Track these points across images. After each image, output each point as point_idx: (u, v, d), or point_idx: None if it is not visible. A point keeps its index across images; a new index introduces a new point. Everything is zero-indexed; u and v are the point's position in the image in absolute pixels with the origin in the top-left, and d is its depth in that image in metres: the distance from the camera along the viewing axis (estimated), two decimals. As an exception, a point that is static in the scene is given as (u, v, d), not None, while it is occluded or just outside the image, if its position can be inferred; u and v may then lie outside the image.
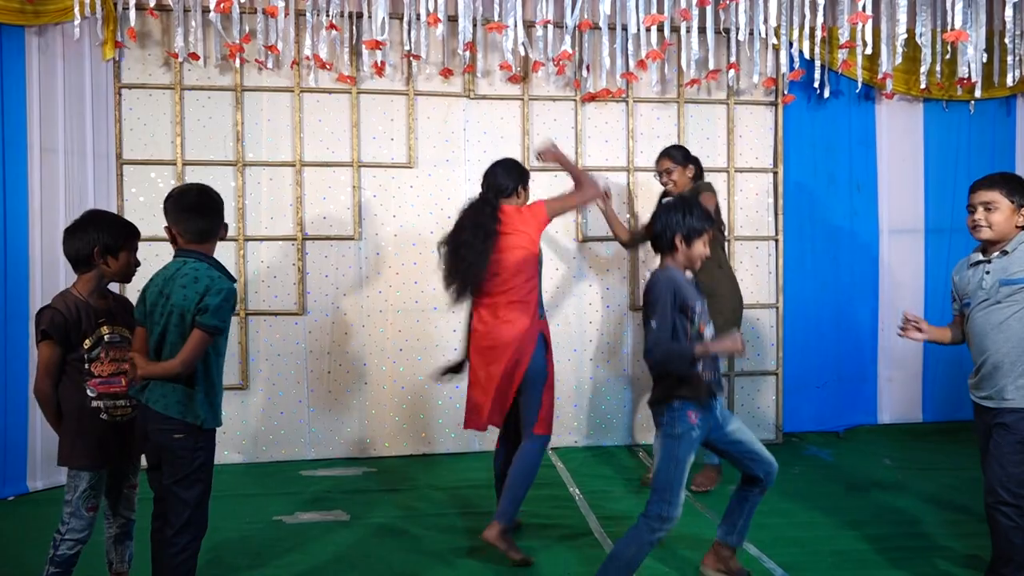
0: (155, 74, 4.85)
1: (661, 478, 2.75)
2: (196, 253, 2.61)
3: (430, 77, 5.08)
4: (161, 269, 2.63)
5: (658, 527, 2.72)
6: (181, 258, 2.60)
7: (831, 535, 3.67)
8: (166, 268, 2.61)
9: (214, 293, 2.52)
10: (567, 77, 5.20)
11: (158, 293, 2.56)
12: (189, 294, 2.52)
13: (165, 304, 2.54)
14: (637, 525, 2.77)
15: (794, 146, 5.47)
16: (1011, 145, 5.70)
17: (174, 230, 2.62)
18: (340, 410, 5.01)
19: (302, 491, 4.36)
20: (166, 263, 2.64)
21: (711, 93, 5.39)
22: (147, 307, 2.58)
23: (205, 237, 2.63)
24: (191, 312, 2.51)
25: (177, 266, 2.59)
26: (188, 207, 2.62)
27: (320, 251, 5.00)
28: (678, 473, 2.74)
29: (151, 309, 2.57)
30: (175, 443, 2.56)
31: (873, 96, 5.54)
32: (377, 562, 3.40)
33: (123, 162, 4.79)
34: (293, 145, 4.96)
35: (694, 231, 2.81)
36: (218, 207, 2.66)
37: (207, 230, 2.63)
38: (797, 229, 5.48)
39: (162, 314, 2.54)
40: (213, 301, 2.51)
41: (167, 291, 2.55)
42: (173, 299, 2.52)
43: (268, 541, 3.62)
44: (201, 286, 2.53)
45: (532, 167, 5.16)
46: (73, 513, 2.71)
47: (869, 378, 5.58)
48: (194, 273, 2.55)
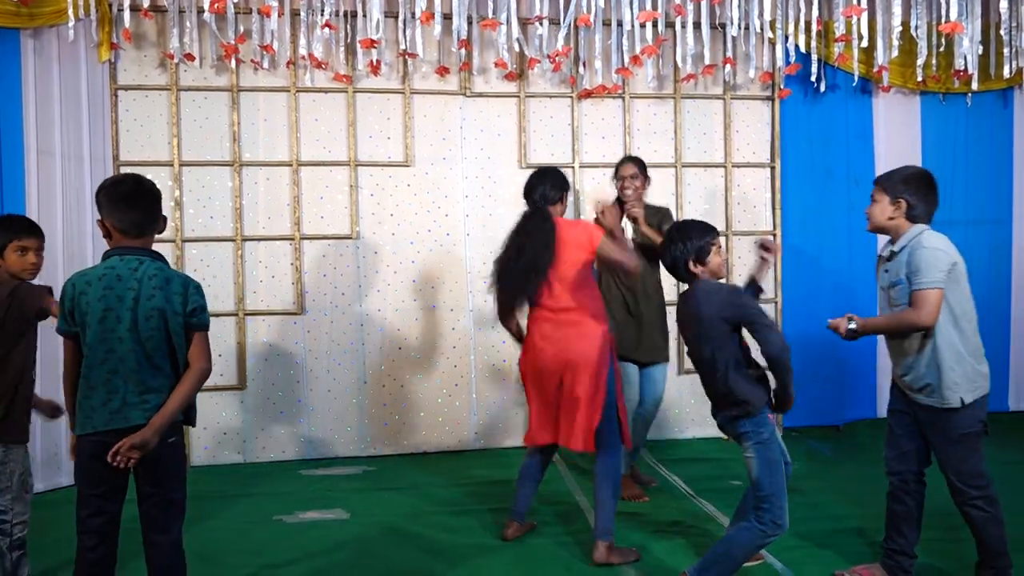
0: (151, 75, 4.85)
1: (766, 485, 2.75)
2: (141, 251, 2.45)
3: (426, 75, 5.08)
4: (92, 272, 2.44)
5: (772, 532, 2.74)
6: (132, 256, 2.43)
7: (831, 529, 3.67)
8: (106, 270, 2.42)
9: (194, 291, 2.46)
10: (563, 74, 5.20)
11: (115, 298, 2.38)
12: (170, 296, 2.40)
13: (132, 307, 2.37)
14: (750, 528, 2.77)
15: (791, 140, 5.47)
16: (1008, 137, 5.70)
17: (108, 223, 2.44)
18: (339, 409, 5.02)
19: (302, 490, 4.37)
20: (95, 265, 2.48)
21: (707, 88, 5.39)
22: (85, 314, 2.39)
23: (143, 230, 2.46)
24: (180, 315, 2.41)
25: (130, 266, 2.41)
26: (123, 197, 2.45)
27: (318, 250, 5.01)
28: (780, 476, 2.76)
29: (104, 315, 2.38)
30: (167, 449, 2.44)
31: (870, 90, 5.53)
32: (377, 560, 3.41)
33: (120, 164, 4.80)
34: (290, 145, 4.97)
35: (702, 250, 2.82)
36: (155, 197, 2.50)
37: (143, 222, 2.45)
38: (795, 223, 5.48)
39: (119, 319, 2.37)
40: (200, 300, 2.46)
41: (122, 293, 2.38)
42: (152, 302, 2.38)
43: (268, 540, 3.63)
44: (178, 286, 2.43)
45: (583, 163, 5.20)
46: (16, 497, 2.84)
47: (868, 372, 5.58)
48: (161, 273, 2.42)
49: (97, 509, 2.43)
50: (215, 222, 4.91)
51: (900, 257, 2.91)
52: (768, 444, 2.78)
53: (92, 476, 2.43)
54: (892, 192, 2.96)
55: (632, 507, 4.00)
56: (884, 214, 2.98)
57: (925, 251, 2.83)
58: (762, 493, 2.77)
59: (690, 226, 2.90)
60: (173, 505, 2.50)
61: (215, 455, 4.89)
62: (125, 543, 2.53)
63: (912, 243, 2.90)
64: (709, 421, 5.41)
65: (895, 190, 2.96)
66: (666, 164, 5.33)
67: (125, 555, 2.60)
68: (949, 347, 2.83)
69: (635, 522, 3.79)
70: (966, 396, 2.81)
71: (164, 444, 2.42)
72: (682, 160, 5.35)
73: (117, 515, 2.48)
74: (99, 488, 2.43)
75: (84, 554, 2.45)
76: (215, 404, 4.89)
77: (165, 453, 2.44)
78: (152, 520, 2.49)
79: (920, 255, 2.83)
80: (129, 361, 2.39)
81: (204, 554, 3.43)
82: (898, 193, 2.95)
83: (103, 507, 2.43)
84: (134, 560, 2.60)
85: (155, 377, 2.42)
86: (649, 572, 3.23)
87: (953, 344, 2.83)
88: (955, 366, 2.82)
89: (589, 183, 5.26)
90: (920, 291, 2.81)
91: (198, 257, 4.88)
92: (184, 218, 4.86)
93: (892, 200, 2.96)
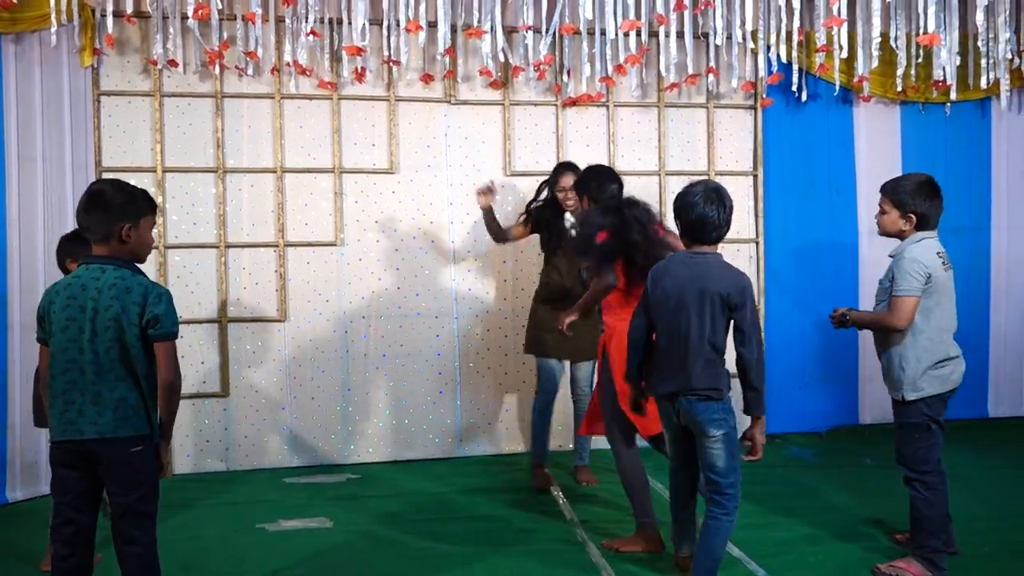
0: (134, 81, 4.82)
1: (730, 470, 2.85)
2: (108, 259, 2.43)
3: (411, 83, 5.09)
4: (63, 281, 2.46)
5: (735, 516, 2.89)
6: (97, 265, 2.42)
7: (813, 536, 3.69)
8: (72, 279, 2.43)
9: (155, 301, 2.40)
10: (548, 82, 5.22)
11: (78, 308, 2.38)
12: (127, 305, 2.37)
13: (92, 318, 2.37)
14: (720, 521, 2.85)
15: (774, 149, 5.52)
16: (987, 146, 5.77)
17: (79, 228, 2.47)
18: (323, 417, 5.00)
19: (285, 498, 4.34)
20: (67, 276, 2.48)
21: (691, 97, 5.43)
22: (52, 323, 2.41)
23: (100, 236, 2.43)
24: (136, 325, 2.37)
25: (94, 275, 2.40)
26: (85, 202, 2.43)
27: (302, 257, 4.99)
28: (738, 461, 2.89)
29: (66, 325, 2.38)
30: (133, 458, 2.42)
31: (851, 99, 5.59)
32: (361, 568, 3.39)
33: (103, 170, 4.76)
34: (274, 152, 4.95)
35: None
36: (119, 204, 2.43)
37: (98, 228, 2.42)
38: (777, 232, 5.52)
39: (81, 329, 2.36)
40: (160, 309, 2.40)
41: (84, 303, 2.37)
42: (109, 312, 2.36)
43: (251, 548, 3.60)
44: (137, 295, 2.38)
45: None
46: None
47: (850, 379, 5.62)
48: (122, 283, 2.39)
49: (66, 519, 2.43)
50: (198, 229, 4.88)
51: (892, 263, 3.22)
52: (735, 430, 2.88)
53: (60, 484, 2.43)
54: (902, 206, 3.19)
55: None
56: (895, 226, 3.23)
57: (905, 261, 3.12)
58: (727, 481, 2.83)
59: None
60: (140, 516, 2.46)
61: (197, 463, 4.85)
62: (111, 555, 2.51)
63: (900, 251, 3.18)
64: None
65: (905, 205, 3.18)
66: (650, 172, 5.37)
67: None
68: (899, 350, 3.17)
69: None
70: (907, 395, 3.16)
71: (129, 453, 2.41)
72: (666, 168, 5.38)
73: (88, 526, 2.46)
74: (67, 496, 2.42)
75: (56, 563, 2.46)
76: (198, 412, 4.85)
77: (132, 462, 2.42)
78: (120, 531, 2.46)
79: (900, 265, 3.13)
80: (88, 373, 2.38)
81: (186, 562, 3.41)
82: (908, 208, 3.18)
83: (72, 517, 2.42)
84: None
85: (112, 390, 2.38)
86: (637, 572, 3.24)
87: (904, 348, 3.15)
88: (905, 367, 3.15)
89: (573, 191, 5.28)
90: (896, 297, 3.13)
91: (181, 264, 4.86)
92: (167, 225, 4.83)
93: (903, 214, 3.19)
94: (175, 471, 4.79)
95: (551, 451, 4.67)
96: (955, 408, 5.74)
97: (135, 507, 2.44)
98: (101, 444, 2.38)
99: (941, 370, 3.18)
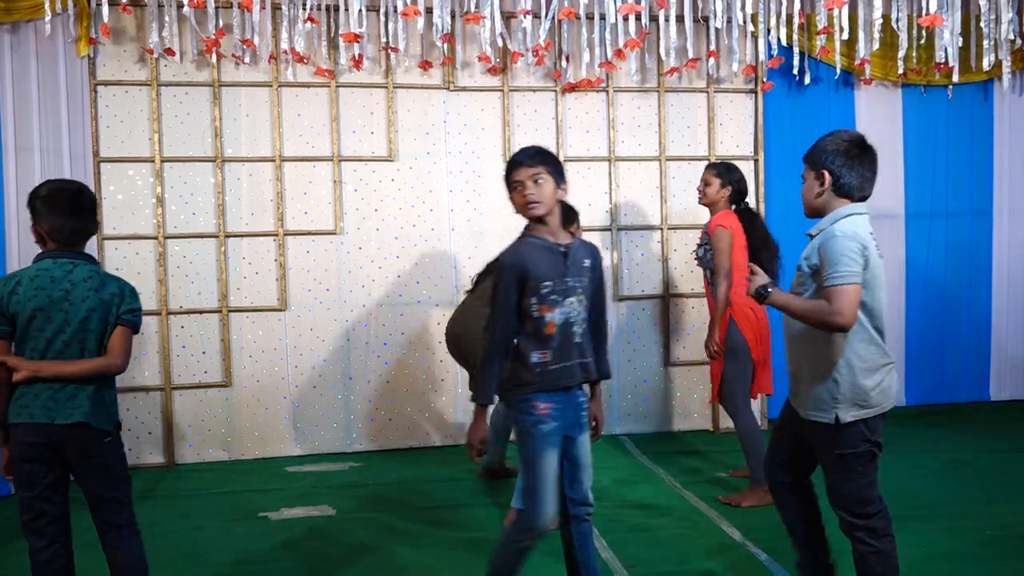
0: (131, 70, 4.80)
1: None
2: (75, 254, 2.50)
3: (409, 70, 5.06)
4: (22, 272, 2.46)
5: (521, 538, 2.46)
6: (66, 259, 2.47)
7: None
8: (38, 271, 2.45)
9: (130, 295, 2.53)
10: (547, 68, 5.19)
11: (47, 299, 2.41)
12: (104, 298, 2.46)
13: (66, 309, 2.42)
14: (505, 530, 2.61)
15: (774, 133, 5.49)
16: (989, 129, 5.75)
17: (44, 230, 2.47)
18: (325, 405, 5.00)
19: (288, 487, 4.35)
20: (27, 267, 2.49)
21: (691, 81, 5.40)
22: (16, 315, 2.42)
23: (78, 238, 2.52)
24: (114, 314, 2.47)
25: (64, 268, 2.45)
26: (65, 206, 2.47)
27: (301, 246, 4.98)
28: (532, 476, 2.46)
29: (33, 315, 2.41)
30: (106, 448, 2.48)
31: (852, 82, 5.56)
32: (363, 556, 3.40)
33: (100, 160, 4.75)
34: (272, 140, 4.93)
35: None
36: (94, 207, 2.55)
37: (81, 231, 2.51)
38: (779, 216, 5.49)
39: (49, 319, 2.41)
40: (136, 304, 2.53)
41: (53, 294, 2.42)
42: (86, 304, 2.43)
43: (254, 537, 3.61)
44: (115, 287, 2.50)
45: (567, 157, 5.17)
46: None
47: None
48: (97, 276, 2.48)
49: (39, 512, 2.45)
50: (197, 218, 4.87)
51: (814, 241, 2.48)
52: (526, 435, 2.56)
53: (27, 479, 2.46)
54: (815, 164, 2.51)
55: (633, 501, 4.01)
56: (811, 192, 2.53)
57: (837, 240, 2.37)
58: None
59: None
60: (118, 504, 2.51)
61: (200, 452, 4.86)
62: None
63: (827, 228, 2.45)
64: (696, 413, 5.45)
65: (817, 161, 2.50)
66: (650, 157, 5.34)
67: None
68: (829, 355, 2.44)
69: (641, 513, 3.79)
70: (844, 414, 2.39)
71: (100, 443, 2.46)
72: (666, 153, 5.36)
73: (60, 516, 2.49)
74: (35, 490, 2.45)
75: (32, 556, 2.48)
76: (199, 402, 4.86)
77: (104, 451, 2.47)
78: (98, 522, 2.52)
79: (832, 245, 2.37)
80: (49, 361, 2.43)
81: (189, 552, 3.42)
82: (820, 164, 2.49)
83: (44, 509, 2.45)
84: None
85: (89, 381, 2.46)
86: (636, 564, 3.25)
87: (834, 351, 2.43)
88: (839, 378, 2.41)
89: (573, 177, 5.26)
90: (833, 287, 2.33)
91: (180, 254, 4.85)
92: (166, 215, 4.82)
93: (816, 174, 2.50)
94: (178, 461, 4.81)
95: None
96: (956, 392, 5.86)
97: (107, 495, 2.49)
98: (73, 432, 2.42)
99: (881, 382, 2.42)
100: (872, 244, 2.42)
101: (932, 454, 4.74)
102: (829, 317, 2.33)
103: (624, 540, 3.46)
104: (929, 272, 5.74)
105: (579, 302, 2.51)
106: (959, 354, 5.77)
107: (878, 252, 2.45)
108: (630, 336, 5.35)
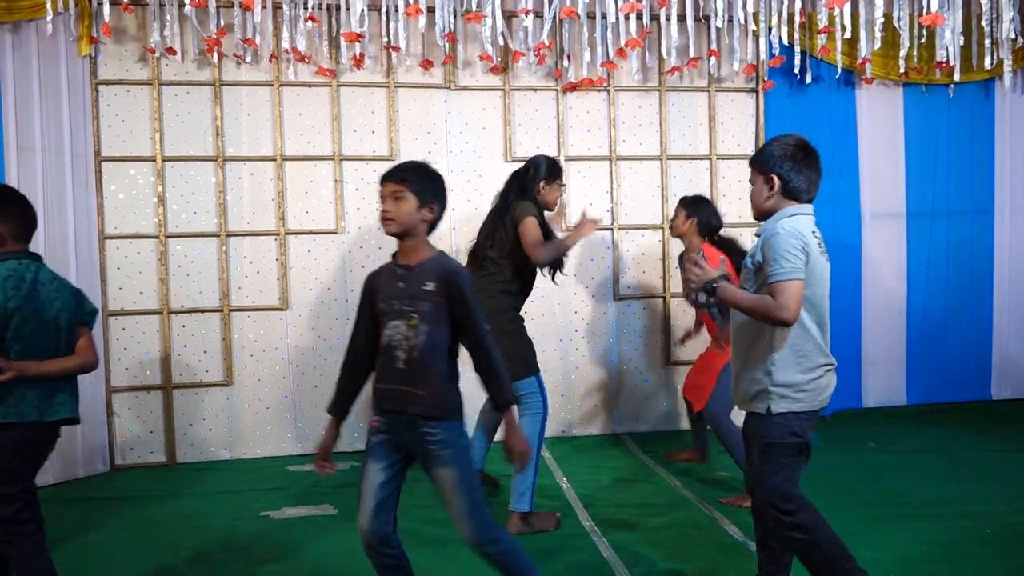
0: (132, 70, 4.80)
1: None
2: (32, 254, 2.60)
3: (410, 69, 5.06)
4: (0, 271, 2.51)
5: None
6: (28, 260, 2.56)
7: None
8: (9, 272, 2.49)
9: (85, 297, 2.68)
10: (548, 67, 5.19)
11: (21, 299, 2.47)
12: (66, 298, 2.59)
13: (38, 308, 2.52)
14: None
15: (776, 132, 5.42)
16: (990, 128, 5.74)
17: (4, 229, 2.53)
18: (326, 405, 4.98)
19: (289, 486, 4.36)
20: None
21: (692, 81, 5.40)
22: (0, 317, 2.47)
23: (29, 236, 2.61)
24: (77, 315, 2.62)
25: (29, 269, 2.53)
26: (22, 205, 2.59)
27: (303, 246, 4.98)
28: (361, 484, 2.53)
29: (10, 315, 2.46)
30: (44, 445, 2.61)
31: (853, 82, 5.56)
32: (365, 556, 3.39)
33: (102, 159, 4.75)
34: (273, 139, 4.93)
35: None
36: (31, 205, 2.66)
37: (32, 229, 2.62)
38: (780, 215, 5.49)
39: (24, 320, 2.48)
40: (92, 305, 2.69)
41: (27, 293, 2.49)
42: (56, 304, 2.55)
43: (255, 537, 3.61)
44: (73, 289, 2.64)
45: (568, 156, 5.18)
46: None
47: (853, 362, 5.61)
48: (57, 278, 2.60)
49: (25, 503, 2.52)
50: (199, 218, 4.87)
51: (760, 241, 2.55)
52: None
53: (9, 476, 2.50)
54: (763, 168, 2.59)
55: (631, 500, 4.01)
56: (760, 196, 2.60)
57: (780, 237, 2.46)
58: None
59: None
60: None
61: (201, 452, 4.87)
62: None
63: (771, 226, 2.54)
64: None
65: (766, 166, 2.58)
66: (651, 157, 5.34)
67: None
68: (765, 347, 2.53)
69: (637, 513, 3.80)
70: (775, 404, 2.49)
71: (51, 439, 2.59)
72: (667, 153, 5.36)
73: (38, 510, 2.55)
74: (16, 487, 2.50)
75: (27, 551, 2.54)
76: (201, 401, 4.87)
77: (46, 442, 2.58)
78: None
79: (775, 242, 2.46)
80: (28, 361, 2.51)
81: (191, 551, 3.42)
82: (768, 168, 2.57)
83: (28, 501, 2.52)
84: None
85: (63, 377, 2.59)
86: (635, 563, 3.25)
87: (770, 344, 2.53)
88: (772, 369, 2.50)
89: (575, 176, 5.26)
90: (777, 283, 2.42)
91: (182, 253, 4.85)
92: (167, 214, 4.83)
93: (765, 178, 2.58)
94: (179, 460, 4.82)
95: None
96: (958, 391, 5.86)
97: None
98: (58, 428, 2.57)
99: (816, 379, 2.50)
100: (814, 242, 2.53)
101: (933, 453, 4.74)
102: (774, 312, 2.42)
103: (624, 540, 3.46)
104: (930, 271, 5.74)
105: (408, 326, 2.41)
106: (960, 353, 5.77)
107: (822, 251, 2.55)
108: (630, 336, 5.35)
